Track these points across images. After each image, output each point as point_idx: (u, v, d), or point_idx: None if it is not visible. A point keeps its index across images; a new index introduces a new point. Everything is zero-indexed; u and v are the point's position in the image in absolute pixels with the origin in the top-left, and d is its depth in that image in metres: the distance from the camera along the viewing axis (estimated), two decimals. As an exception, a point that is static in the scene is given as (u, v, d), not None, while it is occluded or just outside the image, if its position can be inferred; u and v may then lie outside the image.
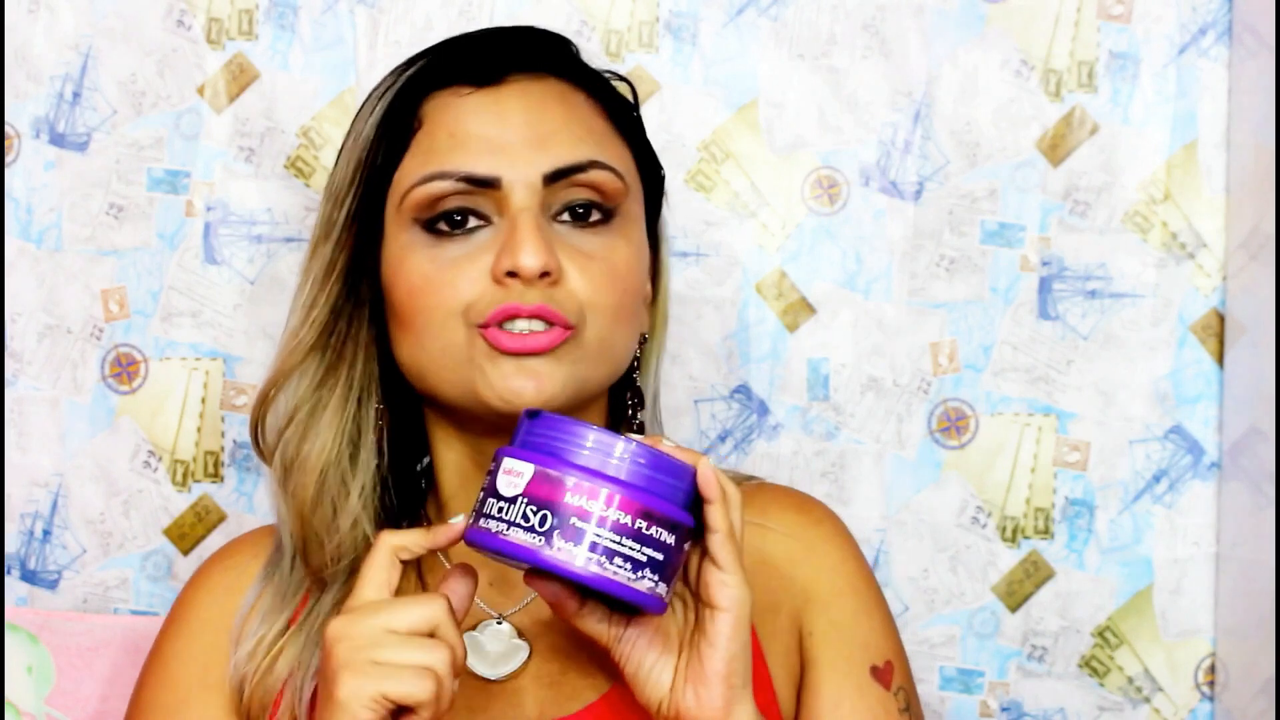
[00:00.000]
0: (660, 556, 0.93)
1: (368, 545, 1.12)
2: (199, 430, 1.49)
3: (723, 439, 1.47)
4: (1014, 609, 1.46)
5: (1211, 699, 1.44)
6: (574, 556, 0.92)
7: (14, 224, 1.50)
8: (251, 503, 1.49)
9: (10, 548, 1.50)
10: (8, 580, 1.49)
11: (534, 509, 0.93)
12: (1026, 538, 1.46)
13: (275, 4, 1.49)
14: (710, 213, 1.48)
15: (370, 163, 1.12)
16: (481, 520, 0.95)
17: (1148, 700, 1.45)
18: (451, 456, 1.16)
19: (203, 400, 1.49)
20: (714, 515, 0.95)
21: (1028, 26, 1.46)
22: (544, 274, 1.06)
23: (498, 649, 1.11)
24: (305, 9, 1.49)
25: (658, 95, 1.48)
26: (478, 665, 1.11)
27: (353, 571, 1.12)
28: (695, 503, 0.96)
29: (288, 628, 1.13)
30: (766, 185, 1.48)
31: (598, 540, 0.92)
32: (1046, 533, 1.46)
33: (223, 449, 1.49)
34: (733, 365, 1.47)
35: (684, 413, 1.47)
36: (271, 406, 1.16)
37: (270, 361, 1.18)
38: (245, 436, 1.47)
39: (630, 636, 0.99)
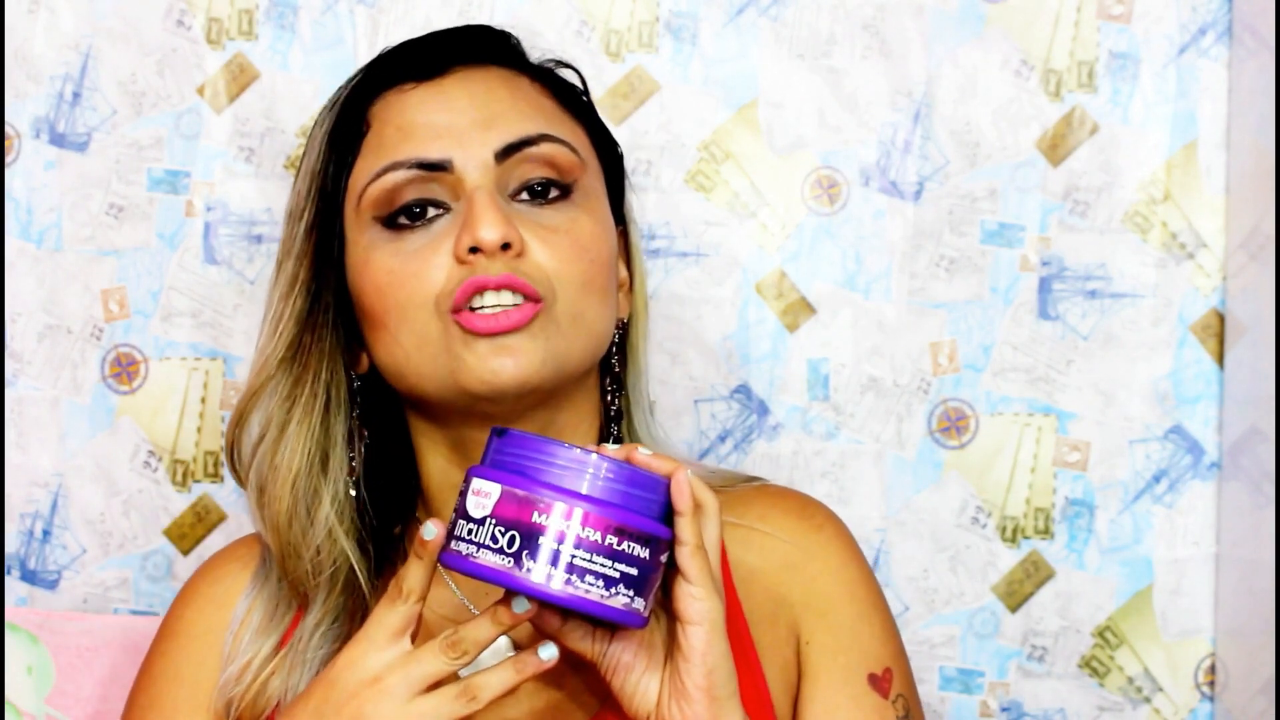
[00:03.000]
0: (634, 571, 0.92)
1: (346, 559, 1.12)
2: (199, 430, 1.49)
3: (723, 439, 1.47)
4: (1014, 609, 1.46)
5: (1211, 699, 1.44)
6: (544, 576, 0.91)
7: (14, 224, 1.50)
8: (251, 503, 1.49)
9: (10, 548, 1.50)
10: (8, 580, 1.49)
11: (502, 530, 0.92)
12: (1026, 538, 1.46)
13: (275, 4, 1.49)
14: (710, 213, 1.48)
15: (323, 173, 1.13)
16: (453, 543, 0.94)
17: (1148, 700, 1.45)
18: (435, 460, 1.15)
19: (203, 400, 1.49)
20: (683, 527, 0.94)
21: (1028, 27, 1.46)
22: (505, 246, 1.06)
23: (492, 660, 1.10)
24: (305, 9, 1.49)
25: (658, 95, 1.48)
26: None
27: (333, 587, 1.12)
28: (673, 514, 0.95)
29: (278, 649, 1.12)
30: (766, 185, 1.48)
31: (568, 559, 0.91)
32: (1046, 533, 1.46)
33: (222, 449, 1.49)
34: (733, 365, 1.47)
35: (684, 413, 1.47)
36: (245, 427, 1.15)
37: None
38: (245, 436, 1.47)
39: (614, 651, 0.99)
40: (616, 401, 1.17)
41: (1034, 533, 1.46)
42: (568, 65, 1.20)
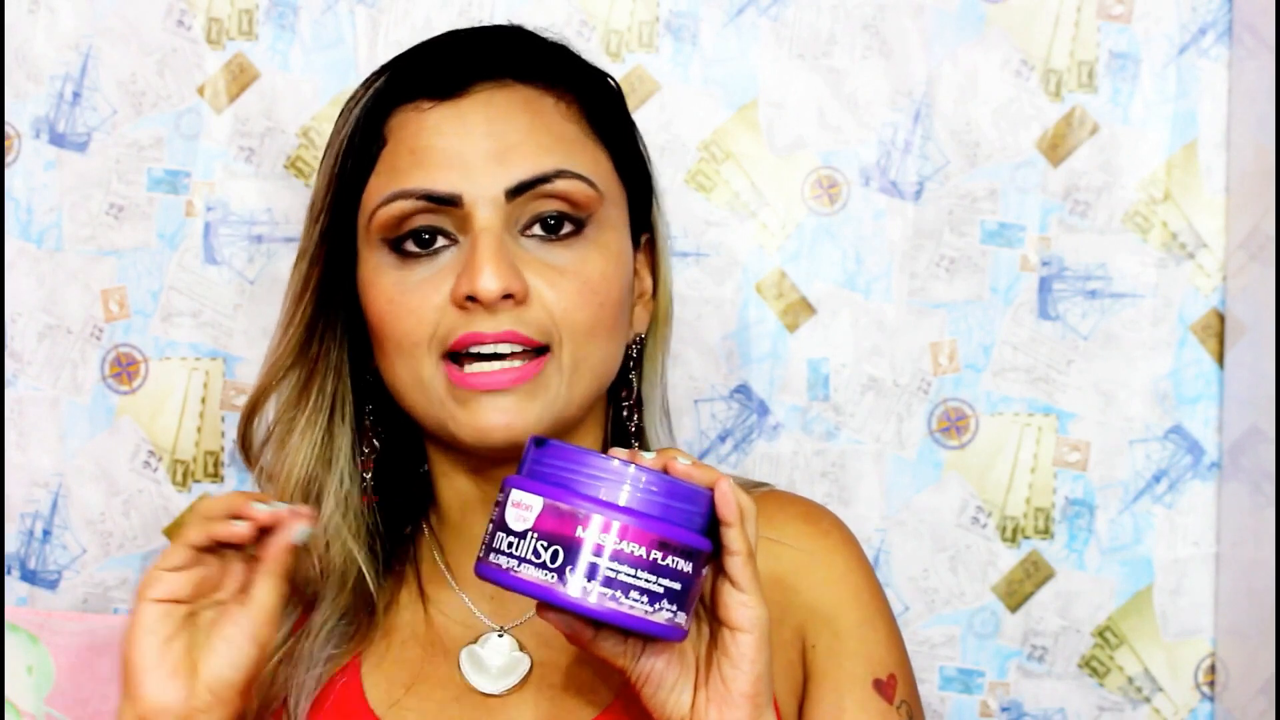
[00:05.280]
0: (678, 586, 0.91)
1: (354, 560, 1.12)
2: (199, 430, 1.49)
3: (723, 439, 1.47)
4: (1014, 609, 1.46)
5: (1211, 699, 1.44)
6: (588, 593, 0.90)
7: (14, 224, 1.50)
8: (251, 503, 1.49)
9: (10, 548, 1.50)
10: (8, 580, 1.49)
11: (544, 544, 0.90)
12: (1026, 538, 1.46)
13: (275, 4, 1.49)
14: (710, 213, 1.48)
15: (340, 180, 1.11)
16: (492, 555, 0.92)
17: (1148, 700, 1.45)
18: (446, 469, 1.15)
19: (203, 400, 1.50)
20: (733, 538, 0.93)
21: (1028, 27, 1.46)
22: (507, 296, 1.05)
23: (498, 663, 1.10)
24: (305, 9, 1.49)
25: (658, 95, 1.48)
26: (478, 680, 1.10)
27: (342, 588, 1.12)
28: (712, 524, 0.93)
29: (285, 642, 1.12)
30: (766, 185, 1.48)
31: (612, 575, 0.90)
32: (1046, 533, 1.46)
33: (223, 449, 1.49)
34: (733, 365, 1.47)
35: (684, 413, 1.47)
36: (257, 420, 1.16)
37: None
38: (245, 436, 1.47)
39: (647, 659, 0.97)
40: (635, 417, 1.17)
41: (1034, 533, 1.46)
42: (603, 74, 1.17)
